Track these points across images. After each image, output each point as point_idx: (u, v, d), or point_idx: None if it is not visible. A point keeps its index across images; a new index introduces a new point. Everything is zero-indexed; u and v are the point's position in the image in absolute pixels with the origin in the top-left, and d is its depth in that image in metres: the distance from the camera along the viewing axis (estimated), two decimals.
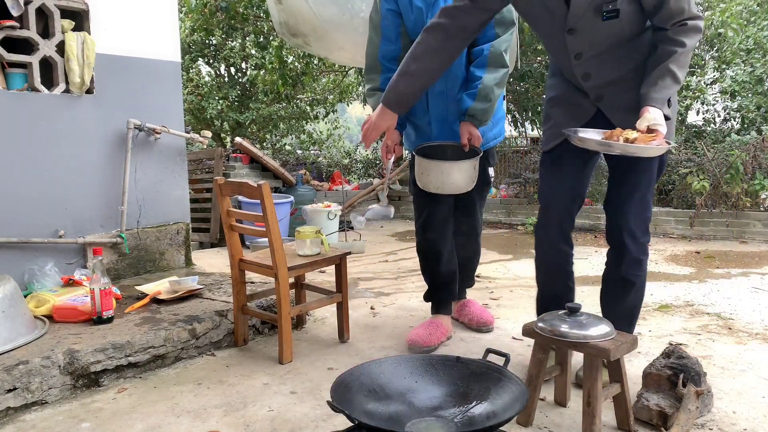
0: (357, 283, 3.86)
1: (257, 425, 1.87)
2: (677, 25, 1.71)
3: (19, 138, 2.82)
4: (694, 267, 4.23)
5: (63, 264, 2.97)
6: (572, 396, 1.98)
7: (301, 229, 2.61)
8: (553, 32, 1.85)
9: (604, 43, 1.80)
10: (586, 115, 1.95)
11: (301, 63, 9.48)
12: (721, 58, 8.61)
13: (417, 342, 2.49)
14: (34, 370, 2.02)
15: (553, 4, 1.78)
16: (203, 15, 8.22)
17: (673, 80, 1.70)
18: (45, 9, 2.90)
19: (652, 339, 2.63)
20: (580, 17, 1.75)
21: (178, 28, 3.55)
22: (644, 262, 2.02)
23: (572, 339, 1.68)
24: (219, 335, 2.56)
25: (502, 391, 1.47)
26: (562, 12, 1.77)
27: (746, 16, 8.28)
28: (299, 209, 5.71)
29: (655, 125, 1.63)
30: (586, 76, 1.88)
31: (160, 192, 3.43)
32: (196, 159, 6.09)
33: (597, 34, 1.78)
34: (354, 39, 5.00)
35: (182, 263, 3.55)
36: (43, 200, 2.92)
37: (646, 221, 1.99)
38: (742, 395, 2.04)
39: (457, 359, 1.60)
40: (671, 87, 1.70)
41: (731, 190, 5.30)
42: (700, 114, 8.71)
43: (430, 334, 2.52)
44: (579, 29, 1.78)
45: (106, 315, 2.43)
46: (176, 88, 3.51)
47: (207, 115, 10.04)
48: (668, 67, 1.70)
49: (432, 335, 2.52)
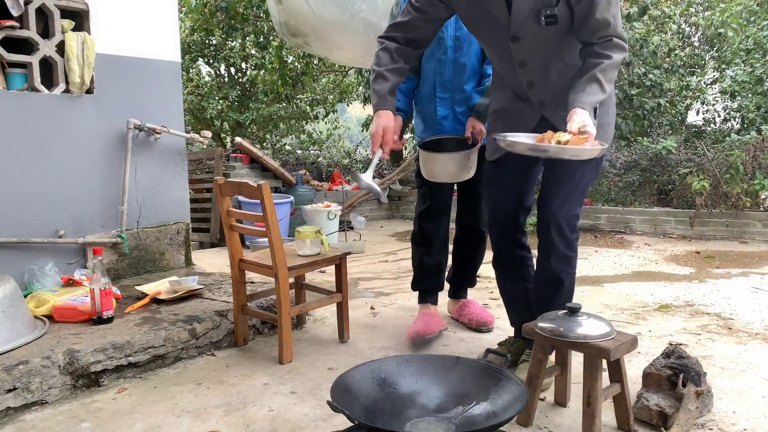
0: (357, 283, 3.86)
1: (257, 425, 1.87)
2: (603, 40, 1.76)
3: (19, 138, 2.82)
4: (694, 267, 4.23)
5: (63, 264, 2.97)
6: (572, 396, 1.98)
7: (301, 229, 2.61)
8: (498, 41, 1.90)
9: (546, 49, 1.86)
10: (530, 123, 1.98)
11: (301, 63, 9.48)
12: (721, 58, 8.61)
13: (418, 333, 2.54)
14: (34, 370, 2.02)
15: (496, 13, 1.82)
16: (203, 15, 8.22)
17: (599, 88, 1.73)
18: (45, 9, 2.90)
19: (652, 339, 2.63)
20: (521, 24, 1.80)
21: (178, 28, 3.55)
22: (573, 259, 2.03)
23: (572, 339, 1.68)
24: (219, 335, 2.56)
25: (502, 391, 1.47)
26: (505, 20, 1.82)
27: (746, 16, 8.28)
28: (299, 209, 5.71)
29: (584, 127, 1.64)
30: (530, 84, 1.93)
31: (160, 192, 3.43)
32: (196, 159, 6.09)
33: (539, 41, 1.83)
34: (354, 39, 5.00)
35: (182, 263, 3.55)
36: (43, 200, 2.92)
37: (574, 218, 2.01)
38: (742, 395, 2.04)
39: (457, 359, 1.60)
40: (598, 94, 1.73)
41: (731, 190, 5.30)
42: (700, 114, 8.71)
43: (426, 323, 2.58)
44: (522, 37, 1.83)
45: (106, 315, 2.43)
46: (176, 88, 3.51)
47: (207, 115, 10.03)
48: (595, 75, 1.74)
49: (429, 324, 2.58)
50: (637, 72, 6.85)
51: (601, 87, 1.73)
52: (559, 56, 1.87)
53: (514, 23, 1.81)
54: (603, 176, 6.48)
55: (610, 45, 1.76)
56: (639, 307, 3.17)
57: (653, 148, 6.13)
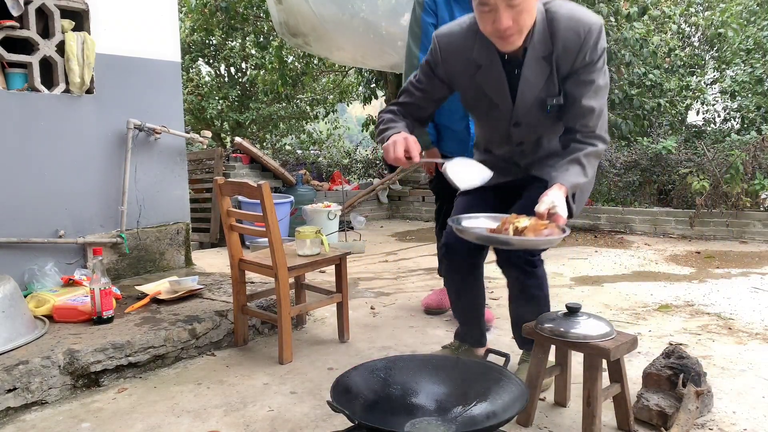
0: (357, 283, 3.86)
1: (257, 425, 1.87)
2: (587, 130, 1.75)
3: (19, 138, 2.82)
4: (694, 267, 4.23)
5: (63, 264, 2.97)
6: (572, 396, 1.98)
7: (301, 229, 2.61)
8: (499, 124, 1.90)
9: (544, 129, 1.87)
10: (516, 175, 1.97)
11: (301, 63, 9.49)
12: (721, 58, 8.61)
13: (431, 305, 3.00)
14: (34, 370, 2.02)
15: (499, 100, 1.81)
16: (203, 15, 8.23)
17: (582, 171, 1.70)
18: (45, 9, 2.90)
19: (652, 339, 2.63)
20: (525, 113, 1.81)
21: (178, 28, 3.55)
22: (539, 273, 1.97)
23: (572, 339, 1.68)
24: (219, 335, 2.56)
25: (502, 391, 1.47)
26: (507, 107, 1.82)
27: (746, 16, 8.29)
28: (299, 209, 5.71)
29: (555, 208, 1.56)
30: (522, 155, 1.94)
31: (160, 192, 3.43)
32: (196, 159, 6.09)
33: (541, 126, 1.85)
34: (354, 39, 5.00)
35: (182, 263, 3.56)
36: (43, 200, 2.92)
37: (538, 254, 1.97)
38: (742, 395, 2.04)
39: (457, 359, 1.60)
40: (579, 177, 1.68)
41: (731, 190, 5.30)
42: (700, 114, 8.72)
43: (441, 299, 2.96)
44: (524, 122, 1.84)
45: (106, 315, 2.43)
46: (176, 88, 3.51)
47: (207, 115, 10.03)
48: (579, 158, 1.71)
49: (443, 300, 2.94)
50: (637, 72, 6.85)
51: (584, 170, 1.70)
52: (554, 131, 1.87)
53: (517, 111, 1.81)
54: (603, 176, 6.48)
55: (593, 136, 1.75)
56: (639, 307, 3.17)
57: (653, 148, 6.13)
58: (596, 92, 1.72)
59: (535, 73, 1.73)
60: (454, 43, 1.81)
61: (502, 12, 1.57)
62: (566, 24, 1.68)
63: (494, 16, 1.58)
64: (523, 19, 1.60)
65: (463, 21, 1.83)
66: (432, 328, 2.82)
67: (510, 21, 1.58)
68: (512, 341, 2.58)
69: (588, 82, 1.71)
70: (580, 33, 1.67)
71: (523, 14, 1.59)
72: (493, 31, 1.63)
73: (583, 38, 1.67)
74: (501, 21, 1.58)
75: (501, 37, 1.63)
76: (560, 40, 1.69)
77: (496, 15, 1.58)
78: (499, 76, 1.77)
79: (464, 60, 1.79)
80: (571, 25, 1.68)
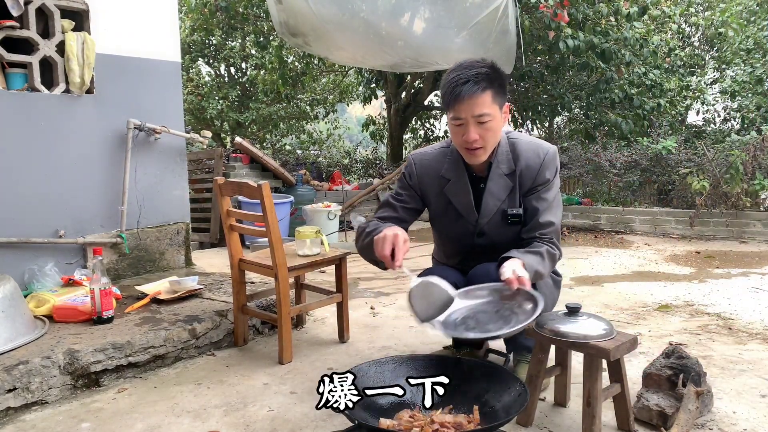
0: (357, 283, 3.86)
1: (257, 425, 1.87)
2: (545, 238, 1.92)
3: (19, 138, 2.82)
4: (694, 267, 4.23)
5: (63, 264, 2.97)
6: (572, 396, 1.98)
7: (301, 229, 2.61)
8: (464, 235, 2.04)
9: (506, 238, 2.00)
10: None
11: (301, 63, 9.49)
12: (721, 58, 8.61)
13: None
14: (34, 370, 2.02)
15: (465, 210, 1.99)
16: (203, 15, 8.23)
17: (541, 259, 1.82)
18: (45, 9, 2.90)
19: (652, 339, 2.63)
20: (488, 222, 1.98)
21: (178, 28, 3.55)
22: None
23: (572, 339, 1.68)
24: (219, 335, 2.56)
25: (502, 391, 1.47)
26: (473, 217, 1.99)
27: (746, 16, 8.29)
28: (299, 209, 5.71)
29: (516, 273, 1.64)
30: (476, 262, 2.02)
31: (160, 192, 3.43)
32: (196, 159, 6.09)
33: (502, 236, 1.99)
34: (354, 39, 5.00)
35: (182, 263, 3.56)
36: (43, 200, 2.91)
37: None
38: (742, 395, 2.04)
39: (457, 359, 1.60)
40: (538, 264, 1.79)
41: (731, 190, 5.30)
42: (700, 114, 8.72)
43: None
44: (488, 232, 2.00)
45: (106, 315, 2.43)
46: (176, 88, 3.51)
47: (207, 115, 10.04)
48: (539, 249, 1.86)
49: None
50: (637, 72, 6.85)
51: (543, 261, 1.82)
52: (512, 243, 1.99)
53: (482, 220, 1.98)
54: (603, 176, 6.48)
55: (552, 243, 1.92)
56: (639, 307, 3.17)
57: (653, 148, 6.13)
58: (552, 208, 1.96)
59: (498, 187, 1.96)
60: (427, 161, 2.05)
61: (471, 127, 1.81)
62: (527, 147, 1.97)
63: (464, 129, 1.83)
64: (488, 136, 1.84)
65: (436, 146, 2.10)
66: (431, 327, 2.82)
67: (477, 135, 1.82)
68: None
69: (546, 199, 1.95)
70: (540, 154, 1.96)
71: (489, 132, 1.83)
72: (462, 143, 1.86)
73: (542, 159, 1.95)
74: (469, 134, 1.82)
75: (468, 148, 1.86)
76: (523, 159, 1.95)
77: (466, 129, 1.82)
78: (466, 188, 1.98)
79: (436, 176, 2.02)
80: (531, 148, 1.97)
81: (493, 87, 1.80)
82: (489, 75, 1.80)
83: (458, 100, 1.78)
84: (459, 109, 1.80)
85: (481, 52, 5.05)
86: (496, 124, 1.84)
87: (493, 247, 1.99)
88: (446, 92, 1.83)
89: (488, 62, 1.85)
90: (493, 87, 1.80)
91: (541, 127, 9.22)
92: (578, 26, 6.04)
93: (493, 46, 5.00)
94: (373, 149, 11.58)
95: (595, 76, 6.86)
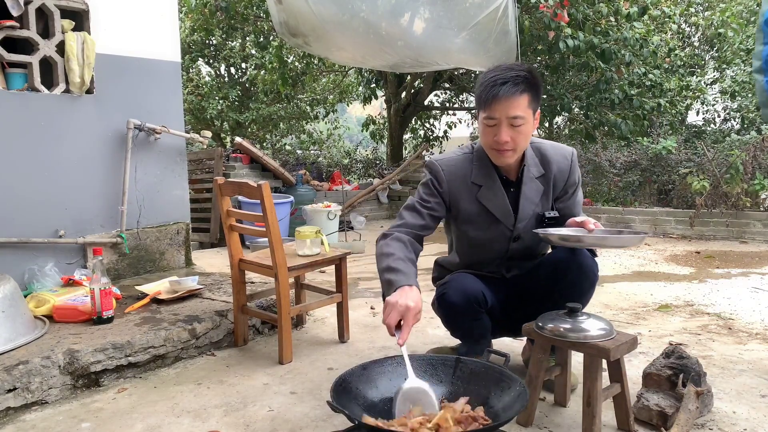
0: (357, 283, 3.86)
1: (257, 425, 1.87)
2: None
3: (19, 138, 2.82)
4: (694, 267, 4.23)
5: (63, 264, 2.97)
6: (572, 396, 1.98)
7: (301, 229, 2.61)
8: (498, 240, 2.02)
9: (538, 246, 2.05)
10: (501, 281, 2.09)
11: (301, 63, 9.49)
12: (721, 58, 8.61)
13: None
14: (34, 370, 2.02)
15: (501, 215, 1.98)
16: (203, 15, 8.22)
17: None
18: (45, 9, 2.90)
19: (652, 339, 2.63)
20: (524, 225, 1.98)
21: (178, 28, 3.54)
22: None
23: (572, 339, 1.68)
24: (219, 335, 2.56)
25: (502, 391, 1.47)
26: (510, 221, 1.98)
27: (746, 16, 8.28)
28: (299, 209, 5.71)
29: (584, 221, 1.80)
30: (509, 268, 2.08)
31: (160, 192, 3.43)
32: (196, 159, 6.09)
33: (534, 240, 1.99)
34: (354, 39, 5.00)
35: (182, 263, 3.56)
36: (43, 200, 2.91)
37: None
38: (742, 395, 2.04)
39: (457, 359, 1.60)
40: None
41: (731, 190, 5.30)
42: (700, 114, 8.72)
43: None
44: (523, 236, 2.00)
45: (106, 315, 2.43)
46: (176, 88, 3.51)
47: (207, 115, 10.04)
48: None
49: None
50: (637, 72, 6.85)
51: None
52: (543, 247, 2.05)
53: (519, 224, 1.98)
54: (603, 176, 6.48)
55: None
56: (639, 307, 3.17)
57: (653, 148, 6.13)
58: (581, 207, 2.06)
59: (532, 190, 1.98)
60: (455, 168, 2.01)
61: (504, 128, 1.81)
62: (553, 151, 2.01)
63: (497, 130, 1.82)
64: (520, 138, 1.84)
65: (458, 152, 2.07)
66: (432, 328, 2.81)
67: (508, 137, 1.81)
68: (512, 341, 2.59)
69: (578, 199, 2.05)
70: (567, 156, 2.02)
71: (521, 135, 1.83)
72: (492, 143, 1.85)
73: (570, 161, 2.01)
74: (501, 135, 1.81)
75: (498, 149, 1.85)
76: (554, 163, 1.99)
77: (498, 129, 1.82)
78: (501, 193, 1.98)
79: (465, 183, 2.00)
80: (557, 152, 2.02)
81: (530, 91, 1.81)
82: (528, 79, 1.80)
83: (495, 100, 1.78)
84: (494, 109, 1.79)
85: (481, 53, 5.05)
86: (528, 128, 1.84)
87: (527, 252, 2.03)
88: (483, 91, 1.81)
89: (527, 67, 1.86)
90: (530, 91, 1.81)
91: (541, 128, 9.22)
92: (578, 26, 6.04)
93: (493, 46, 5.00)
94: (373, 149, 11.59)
95: (595, 76, 6.86)
